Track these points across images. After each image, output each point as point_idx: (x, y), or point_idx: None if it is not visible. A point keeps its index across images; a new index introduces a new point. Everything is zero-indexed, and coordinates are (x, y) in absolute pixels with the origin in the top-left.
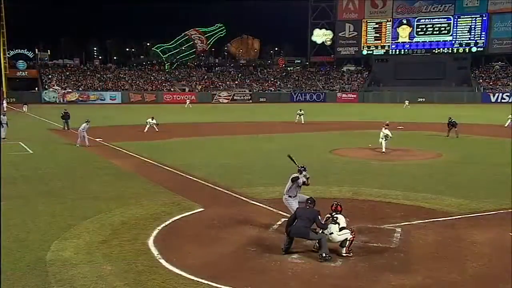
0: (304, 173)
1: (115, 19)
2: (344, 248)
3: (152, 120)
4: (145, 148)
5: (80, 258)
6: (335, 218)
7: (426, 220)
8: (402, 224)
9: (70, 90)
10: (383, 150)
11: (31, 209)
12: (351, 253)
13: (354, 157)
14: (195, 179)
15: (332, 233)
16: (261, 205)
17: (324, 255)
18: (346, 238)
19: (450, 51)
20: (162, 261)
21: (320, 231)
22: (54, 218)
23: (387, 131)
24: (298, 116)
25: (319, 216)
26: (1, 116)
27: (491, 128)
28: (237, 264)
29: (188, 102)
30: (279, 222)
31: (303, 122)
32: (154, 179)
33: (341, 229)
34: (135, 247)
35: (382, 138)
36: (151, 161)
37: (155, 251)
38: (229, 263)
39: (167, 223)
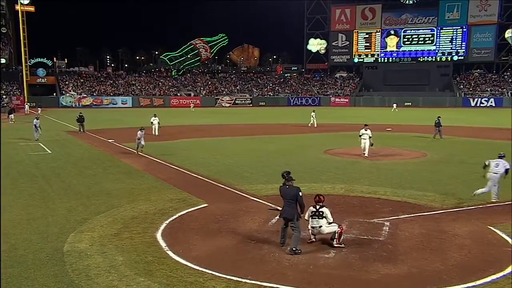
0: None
1: (126, 30)
2: (335, 240)
3: (155, 118)
4: (153, 148)
5: (94, 249)
6: (321, 213)
7: (412, 215)
8: (391, 218)
9: (85, 95)
10: (366, 153)
11: (50, 204)
12: (343, 244)
13: (347, 156)
14: (199, 177)
15: (321, 226)
16: (260, 201)
17: (294, 248)
18: (335, 231)
19: (433, 59)
20: (170, 253)
21: (297, 228)
22: (71, 212)
23: (367, 132)
24: (312, 118)
25: (300, 193)
26: (35, 120)
27: (472, 130)
28: (238, 255)
29: (192, 106)
30: (277, 217)
31: (315, 126)
32: (162, 177)
33: (329, 223)
34: (145, 239)
35: (365, 140)
36: (159, 160)
37: (163, 243)
38: (231, 254)
39: (174, 217)
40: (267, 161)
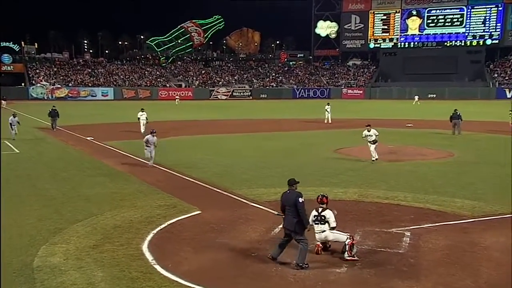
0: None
1: (106, 10)
2: (346, 253)
3: (142, 113)
4: (139, 147)
5: (70, 264)
6: (323, 217)
7: (437, 224)
8: (412, 227)
9: (59, 86)
10: (375, 157)
11: (17, 212)
12: (356, 256)
13: (360, 156)
14: (192, 180)
15: (324, 231)
16: (261, 207)
17: (300, 264)
18: (344, 243)
19: (463, 44)
20: (157, 267)
21: (302, 239)
22: (42, 221)
23: (370, 133)
24: (327, 113)
25: (300, 199)
26: (12, 117)
27: (507, 126)
28: (236, 270)
29: (177, 99)
30: (281, 225)
31: (330, 121)
32: (149, 180)
33: (332, 228)
34: (129, 252)
35: (370, 143)
36: (145, 161)
37: (149, 256)
38: (228, 268)
39: (162, 226)
40: (269, 162)
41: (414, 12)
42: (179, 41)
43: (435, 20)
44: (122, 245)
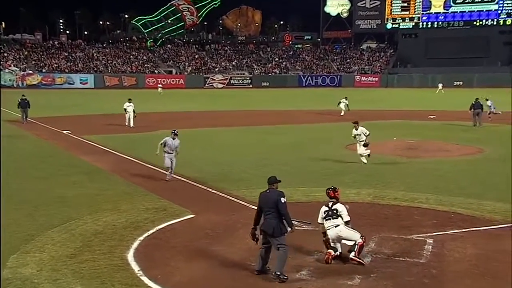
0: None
1: None
2: (353, 252)
3: (130, 104)
4: (123, 142)
5: (44, 275)
6: (335, 211)
7: (464, 230)
8: (434, 234)
9: (30, 72)
10: (364, 160)
11: None
12: (363, 260)
13: (376, 153)
14: (184, 179)
15: (338, 225)
16: None
17: (278, 273)
18: (355, 242)
19: (495, 23)
20: (144, 279)
21: (282, 245)
22: (12, 227)
23: (358, 131)
24: (343, 105)
25: (282, 198)
26: None
27: None
28: (234, 281)
29: (160, 88)
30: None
31: (342, 114)
32: (135, 180)
33: (346, 222)
34: (112, 262)
35: (360, 143)
36: (131, 158)
37: (135, 267)
38: (225, 279)
39: (150, 232)
40: (272, 159)
41: None
42: (169, 21)
43: None
44: (104, 254)
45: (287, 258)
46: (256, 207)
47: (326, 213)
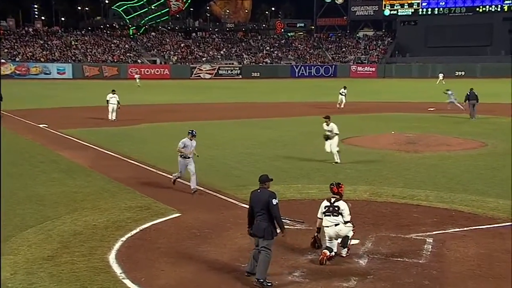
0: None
1: None
2: (346, 249)
3: (113, 95)
4: (104, 136)
5: (18, 279)
6: (336, 208)
7: (466, 228)
8: (435, 233)
9: (3, 61)
10: (336, 159)
11: None
12: (349, 252)
13: (372, 147)
14: (169, 176)
15: (338, 224)
16: None
17: (261, 280)
18: (347, 236)
19: (499, 9)
20: (127, 282)
21: (267, 249)
22: None
23: (329, 127)
24: (342, 96)
25: (274, 200)
26: None
27: None
28: (224, 284)
29: (137, 78)
30: (278, 230)
31: (342, 106)
32: (117, 177)
33: (346, 222)
34: (92, 264)
35: (331, 140)
36: (112, 153)
37: (117, 269)
38: (214, 282)
39: (133, 232)
40: (263, 154)
41: None
42: (153, 7)
43: None
44: (84, 256)
45: (270, 263)
46: (247, 206)
47: (326, 208)
